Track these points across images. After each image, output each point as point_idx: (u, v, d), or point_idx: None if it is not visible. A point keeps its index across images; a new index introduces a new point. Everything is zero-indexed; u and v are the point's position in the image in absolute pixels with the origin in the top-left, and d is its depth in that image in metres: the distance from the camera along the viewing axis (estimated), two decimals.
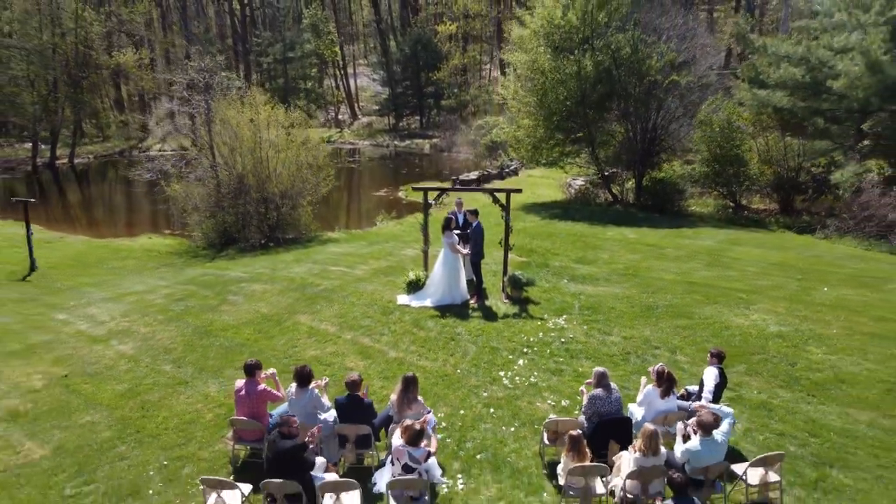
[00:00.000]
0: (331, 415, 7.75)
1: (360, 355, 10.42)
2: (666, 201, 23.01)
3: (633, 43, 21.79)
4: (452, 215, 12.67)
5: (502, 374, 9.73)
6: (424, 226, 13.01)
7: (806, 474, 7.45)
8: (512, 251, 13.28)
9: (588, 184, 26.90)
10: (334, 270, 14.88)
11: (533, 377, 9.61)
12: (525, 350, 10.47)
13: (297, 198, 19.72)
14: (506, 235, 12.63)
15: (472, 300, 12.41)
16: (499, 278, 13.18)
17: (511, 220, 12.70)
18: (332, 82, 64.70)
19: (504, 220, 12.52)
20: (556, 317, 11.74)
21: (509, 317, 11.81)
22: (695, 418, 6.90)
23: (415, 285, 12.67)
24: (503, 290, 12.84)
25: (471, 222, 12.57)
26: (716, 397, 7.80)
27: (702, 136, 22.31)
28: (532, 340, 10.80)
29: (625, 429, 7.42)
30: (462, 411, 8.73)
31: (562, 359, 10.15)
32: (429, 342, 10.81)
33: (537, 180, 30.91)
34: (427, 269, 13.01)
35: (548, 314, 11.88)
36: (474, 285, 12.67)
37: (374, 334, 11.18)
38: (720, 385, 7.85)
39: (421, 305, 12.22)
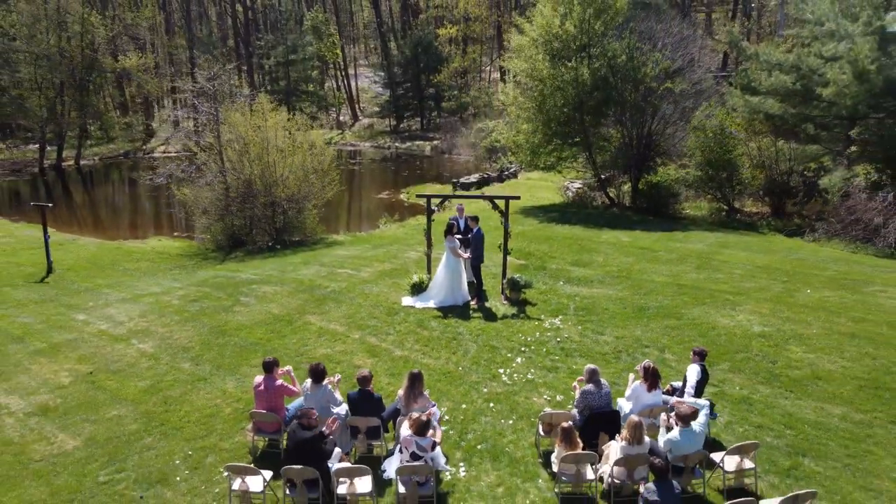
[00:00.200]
0: (342, 408, 8.41)
1: (368, 353, 11.08)
2: (661, 204, 23.63)
3: (629, 51, 22.42)
4: (454, 221, 13.33)
5: (501, 371, 10.37)
6: (427, 230, 13.67)
7: (780, 463, 8.10)
8: (510, 255, 13.93)
9: (585, 187, 27.53)
10: (341, 273, 15.54)
11: (530, 374, 10.26)
12: (523, 349, 11.12)
13: (303, 202, 20.38)
14: (504, 240, 13.29)
15: (472, 301, 13.07)
16: (498, 281, 13.84)
17: (510, 225, 13.37)
18: (334, 83, 65.33)
19: (503, 226, 13.20)
20: (553, 317, 12.39)
21: (508, 317, 12.46)
22: (674, 411, 7.57)
23: (418, 287, 13.33)
24: (502, 292, 13.49)
25: (472, 228, 13.25)
26: (698, 392, 8.46)
27: (696, 142, 22.92)
28: (529, 340, 11.45)
29: (613, 421, 8.07)
30: (464, 405, 9.38)
31: (557, 357, 10.81)
32: (432, 341, 11.46)
33: (536, 183, 31.55)
34: (430, 272, 13.67)
35: (544, 315, 12.54)
36: (475, 287, 13.34)
37: (380, 334, 11.83)
38: (702, 381, 8.51)
39: (424, 306, 12.88)
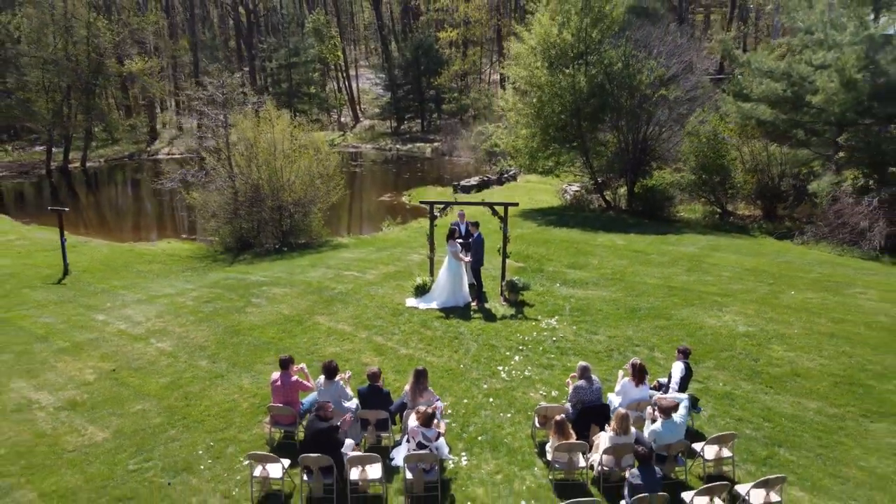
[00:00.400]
0: (353, 403, 9.09)
1: (375, 352, 11.76)
2: (656, 208, 24.34)
3: (625, 58, 23.11)
4: (456, 226, 14.03)
5: (500, 368, 11.04)
6: (430, 235, 14.35)
7: (757, 452, 8.79)
8: (509, 258, 14.60)
9: (583, 190, 28.22)
10: (347, 275, 16.22)
11: (527, 371, 10.94)
12: (521, 348, 11.80)
13: (308, 205, 21.06)
14: (504, 244, 13.97)
15: (473, 303, 13.75)
16: (497, 283, 14.52)
17: (508, 230, 14.04)
18: (335, 85, 66.02)
19: (502, 231, 13.88)
20: (549, 318, 13.08)
21: (507, 318, 13.15)
22: (657, 404, 8.25)
23: (422, 289, 14.01)
24: (501, 294, 14.17)
25: (472, 233, 13.94)
26: (682, 388, 9.15)
27: (690, 147, 23.63)
28: (527, 339, 12.13)
29: (603, 414, 8.75)
30: (465, 400, 10.06)
31: (553, 355, 11.49)
32: (435, 340, 12.15)
33: (535, 185, 32.23)
34: (433, 275, 14.36)
35: (541, 315, 13.22)
36: (475, 289, 14.03)
37: (386, 333, 12.52)
38: (685, 377, 9.20)
39: (427, 307, 13.56)
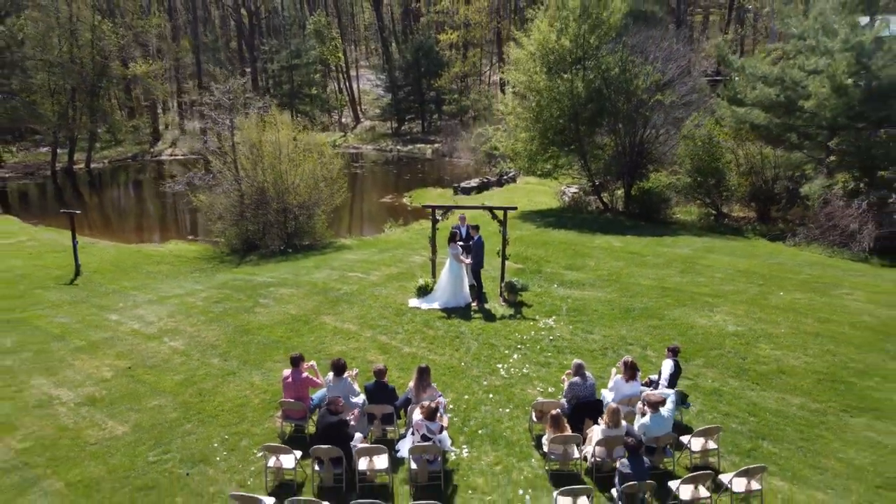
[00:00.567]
0: (360, 398, 9.62)
1: (379, 350, 12.28)
2: (652, 210, 24.82)
3: (622, 63, 23.62)
4: (457, 229, 14.56)
5: (500, 366, 11.56)
6: (432, 238, 14.87)
7: (742, 445, 9.31)
8: (508, 260, 15.12)
9: (581, 192, 28.71)
10: (351, 276, 16.74)
11: (525, 369, 11.46)
12: (519, 346, 12.32)
13: (313, 208, 21.58)
14: (503, 247, 14.49)
15: (473, 303, 14.27)
16: (497, 284, 15.03)
17: (508, 232, 14.56)
18: (336, 85, 66.50)
19: (501, 234, 14.40)
20: (546, 318, 13.60)
21: (506, 318, 13.67)
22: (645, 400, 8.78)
23: (424, 290, 14.54)
24: (501, 295, 14.69)
25: (472, 236, 14.47)
26: (671, 384, 9.67)
27: (685, 150, 24.15)
28: (525, 338, 12.65)
29: (597, 409, 9.27)
30: (466, 396, 10.58)
31: (550, 354, 12.01)
32: (437, 339, 12.67)
33: (534, 187, 32.73)
34: (434, 276, 14.87)
35: (539, 315, 13.74)
36: (476, 290, 14.55)
37: (390, 333, 13.04)
38: (674, 374, 9.72)
39: (430, 308, 14.08)
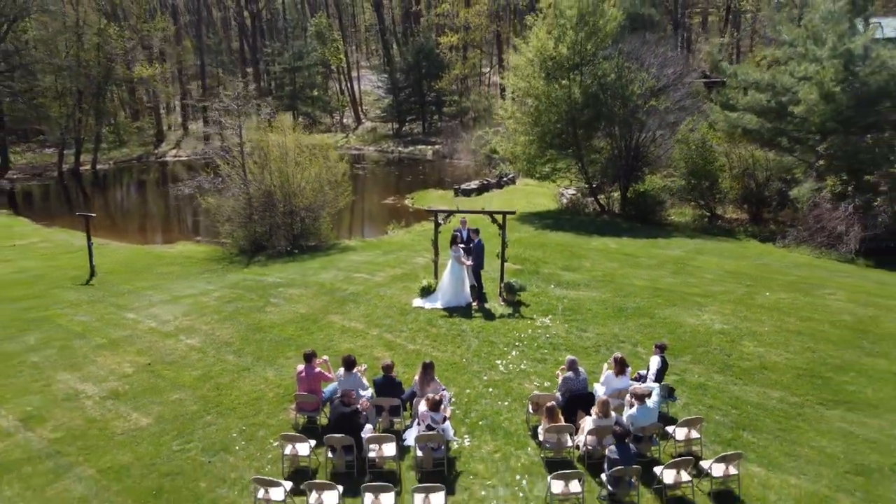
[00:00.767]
0: (369, 392, 10.34)
1: (385, 348, 12.99)
2: (648, 212, 25.57)
3: (618, 70, 24.34)
4: (458, 232, 15.29)
5: (499, 362, 12.28)
6: (435, 240, 15.59)
7: (723, 435, 10.03)
8: (507, 261, 15.83)
9: (579, 193, 29.46)
10: (357, 277, 17.46)
11: (523, 365, 12.17)
12: (517, 344, 13.03)
13: (318, 210, 22.29)
14: (502, 249, 15.21)
15: (474, 303, 14.98)
16: (496, 284, 15.74)
17: (507, 235, 15.27)
18: (337, 86, 67.17)
19: (501, 237, 15.11)
20: (543, 317, 14.31)
21: (505, 317, 14.38)
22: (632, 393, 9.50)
23: (427, 290, 15.26)
24: (500, 295, 15.41)
25: (473, 239, 15.19)
26: (658, 378, 10.38)
27: (680, 153, 24.89)
28: (523, 336, 13.36)
29: (589, 401, 9.96)
30: (467, 390, 11.30)
31: (546, 351, 12.73)
32: (440, 337, 13.38)
33: (533, 189, 33.44)
34: (437, 277, 15.59)
35: (536, 314, 14.46)
36: (476, 290, 15.27)
37: (395, 331, 13.75)
38: (661, 369, 10.43)
39: (432, 307, 14.79)
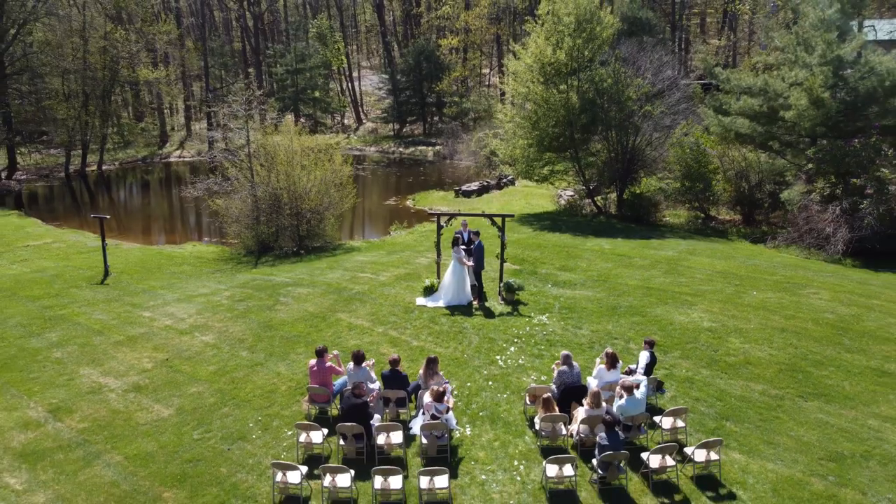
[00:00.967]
0: (376, 385, 11.05)
1: (390, 344, 13.70)
2: (643, 213, 26.27)
3: (614, 75, 25.04)
4: (459, 234, 16.01)
5: (498, 358, 12.99)
6: (437, 242, 16.30)
7: (708, 425, 10.74)
8: (506, 262, 16.55)
9: (576, 195, 30.15)
10: (362, 276, 18.17)
11: (521, 360, 12.88)
12: (515, 340, 13.74)
13: (323, 212, 22.99)
14: (501, 250, 15.93)
15: (475, 302, 15.70)
16: (496, 284, 16.46)
17: (506, 236, 15.99)
18: (338, 86, 67.88)
19: (500, 238, 15.83)
20: (540, 315, 15.02)
21: (504, 315, 15.09)
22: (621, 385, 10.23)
23: (430, 290, 15.97)
24: (499, 294, 16.12)
25: (474, 240, 15.91)
26: (647, 372, 11.10)
27: (674, 156, 25.59)
28: (521, 333, 14.07)
29: (582, 393, 10.67)
30: (468, 384, 12.01)
31: (543, 347, 13.44)
32: (442, 334, 14.09)
33: (532, 190, 34.16)
34: (439, 277, 16.30)
35: (534, 313, 15.17)
36: (477, 290, 15.98)
37: (399, 328, 14.46)
38: (650, 364, 11.15)
39: (435, 306, 15.50)
